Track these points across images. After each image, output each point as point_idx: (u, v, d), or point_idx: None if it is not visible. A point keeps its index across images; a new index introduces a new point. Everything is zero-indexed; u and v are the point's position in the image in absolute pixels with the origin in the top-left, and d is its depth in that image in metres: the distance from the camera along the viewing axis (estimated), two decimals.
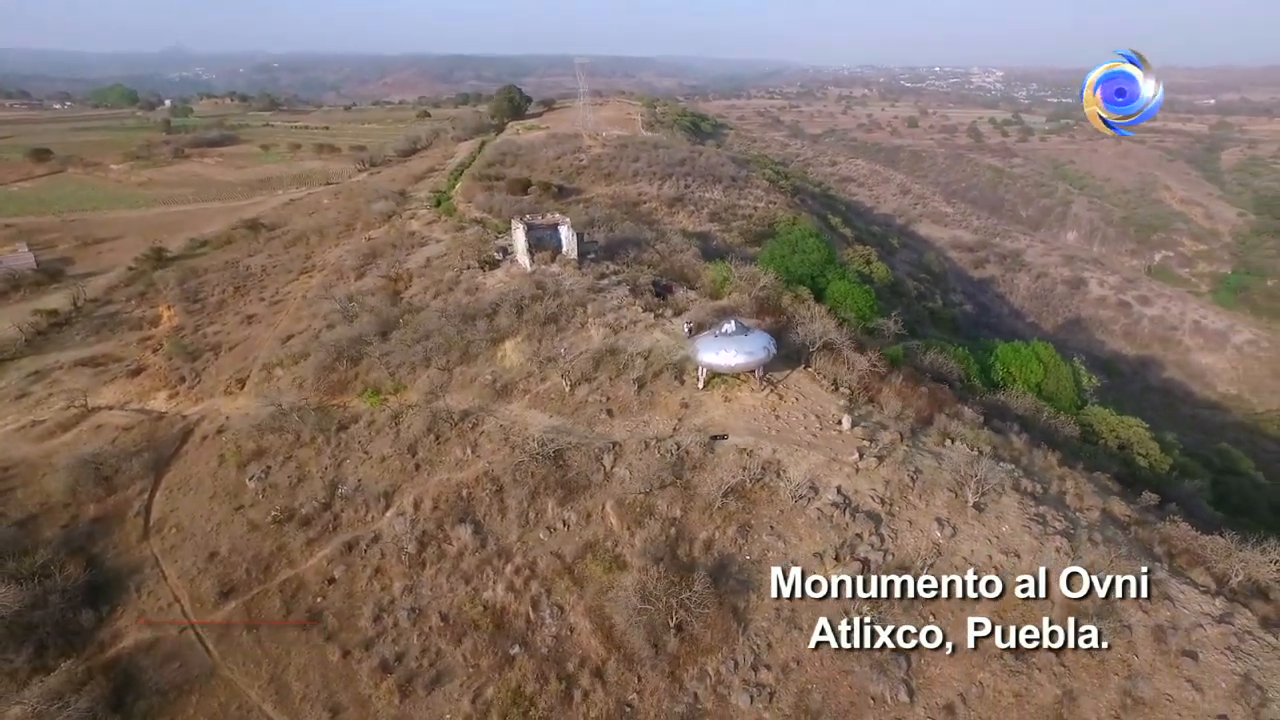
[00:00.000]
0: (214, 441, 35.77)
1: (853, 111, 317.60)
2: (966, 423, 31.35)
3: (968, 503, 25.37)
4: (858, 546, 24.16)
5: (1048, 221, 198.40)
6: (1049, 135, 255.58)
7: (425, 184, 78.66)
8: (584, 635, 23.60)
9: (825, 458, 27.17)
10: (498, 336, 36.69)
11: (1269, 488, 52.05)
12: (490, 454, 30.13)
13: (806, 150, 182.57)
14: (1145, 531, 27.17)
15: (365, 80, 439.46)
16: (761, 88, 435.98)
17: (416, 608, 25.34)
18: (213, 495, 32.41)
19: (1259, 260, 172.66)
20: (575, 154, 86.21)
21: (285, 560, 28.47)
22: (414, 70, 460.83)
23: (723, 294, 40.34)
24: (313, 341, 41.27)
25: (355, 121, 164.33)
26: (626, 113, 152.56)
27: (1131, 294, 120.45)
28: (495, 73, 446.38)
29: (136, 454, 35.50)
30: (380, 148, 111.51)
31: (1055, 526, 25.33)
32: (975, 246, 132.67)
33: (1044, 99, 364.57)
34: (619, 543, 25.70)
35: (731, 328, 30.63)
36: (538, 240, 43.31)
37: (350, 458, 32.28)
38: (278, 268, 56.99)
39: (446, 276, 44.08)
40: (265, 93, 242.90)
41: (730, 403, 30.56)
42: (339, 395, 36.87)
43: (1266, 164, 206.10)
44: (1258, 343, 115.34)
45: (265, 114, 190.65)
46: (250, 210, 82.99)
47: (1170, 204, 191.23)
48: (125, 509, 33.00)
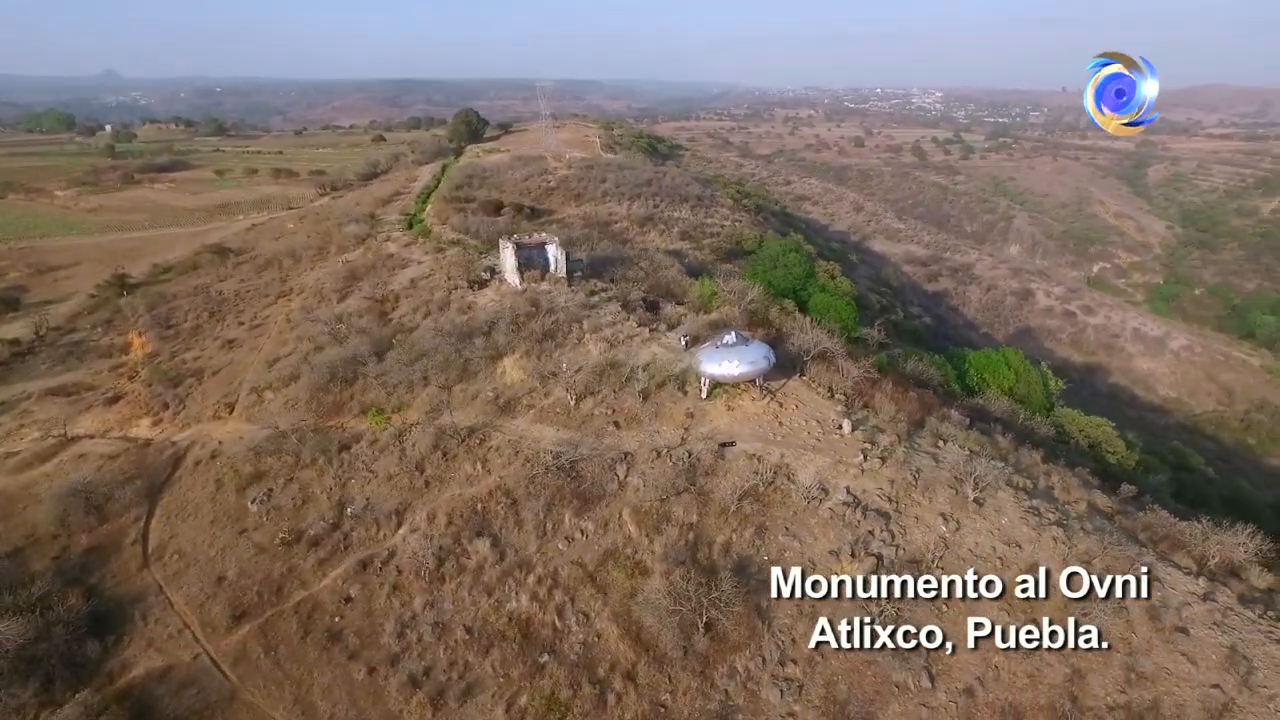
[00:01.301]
0: (208, 466, 35.29)
1: (800, 132, 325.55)
2: (954, 424, 32.92)
3: (968, 499, 26.71)
4: (870, 543, 25.26)
5: (991, 236, 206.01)
6: (989, 153, 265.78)
7: (393, 207, 78.47)
8: (612, 640, 24.12)
9: (831, 460, 28.32)
10: (496, 354, 37.14)
11: (1218, 482, 55.23)
12: (501, 468, 30.51)
13: (761, 170, 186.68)
14: (1128, 520, 28.97)
15: (312, 105, 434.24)
16: (710, 110, 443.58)
17: (440, 622, 25.52)
18: (213, 520, 32.02)
19: (1186, 270, 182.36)
20: (542, 176, 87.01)
21: (297, 581, 28.33)
22: (362, 95, 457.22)
23: (711, 308, 41.50)
24: (302, 364, 41.04)
25: (309, 146, 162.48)
26: (584, 135, 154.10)
27: (1076, 304, 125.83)
28: (445, 97, 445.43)
29: (127, 482, 34.82)
30: (340, 172, 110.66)
31: (1049, 518, 26.83)
32: (928, 261, 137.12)
33: (981, 118, 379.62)
34: (639, 549, 26.34)
35: (732, 339, 31.71)
36: (526, 259, 43.93)
37: (355, 477, 32.27)
38: (252, 292, 56.30)
39: (436, 296, 44.33)
40: (211, 118, 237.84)
41: (733, 411, 31.56)
42: (335, 416, 36.78)
43: (1189, 180, 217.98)
44: (1192, 348, 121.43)
45: (213, 139, 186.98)
46: (212, 235, 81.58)
47: (1105, 218, 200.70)
48: (121, 537, 32.34)
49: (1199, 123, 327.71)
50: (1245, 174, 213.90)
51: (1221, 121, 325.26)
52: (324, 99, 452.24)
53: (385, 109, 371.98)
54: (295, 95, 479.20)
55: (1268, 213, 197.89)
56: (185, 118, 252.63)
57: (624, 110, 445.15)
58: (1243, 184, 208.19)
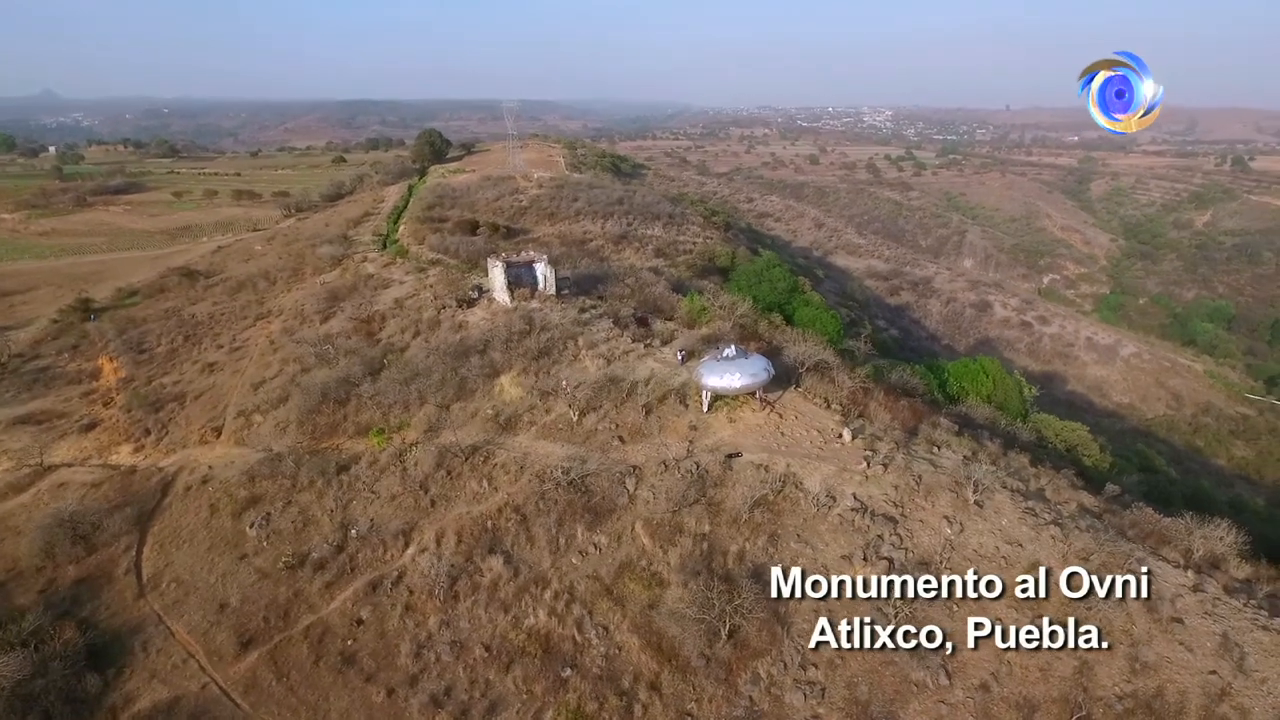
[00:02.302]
0: (200, 492, 34.59)
1: (756, 150, 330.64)
2: (946, 431, 33.97)
3: (968, 501, 27.65)
4: (880, 547, 25.98)
5: (946, 250, 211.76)
6: (940, 170, 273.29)
7: (365, 228, 77.75)
8: (633, 651, 24.33)
9: (836, 468, 29.04)
10: (492, 371, 37.21)
11: (1180, 482, 57.60)
12: (508, 485, 30.57)
13: (723, 188, 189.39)
14: (1115, 518, 30.26)
15: (264, 126, 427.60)
16: (666, 129, 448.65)
17: (457, 641, 25.43)
18: (210, 546, 31.40)
19: (1131, 281, 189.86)
20: (514, 195, 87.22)
21: (305, 606, 27.94)
22: (315, 116, 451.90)
23: (700, 323, 42.18)
24: (290, 385, 40.52)
25: (267, 167, 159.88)
26: (548, 155, 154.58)
27: (1031, 314, 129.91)
28: (399, 118, 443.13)
29: (114, 510, 33.94)
30: (304, 193, 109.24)
31: (1045, 518, 27.90)
32: (889, 275, 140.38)
33: (931, 136, 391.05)
34: (654, 561, 26.64)
35: (732, 352, 32.35)
36: (515, 277, 44.12)
37: (357, 498, 31.98)
38: (227, 315, 55.30)
39: (426, 315, 44.17)
40: (161, 139, 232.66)
41: (735, 423, 32.16)
42: (330, 438, 36.39)
43: (1128, 194, 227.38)
44: (1141, 355, 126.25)
45: (165, 161, 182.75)
46: (176, 258, 79.82)
47: (1053, 231, 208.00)
48: (112, 567, 31.49)
49: (1134, 139, 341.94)
50: (1179, 188, 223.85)
51: (1154, 139, 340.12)
52: (276, 120, 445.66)
53: (340, 130, 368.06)
54: (246, 116, 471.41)
55: (1201, 225, 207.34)
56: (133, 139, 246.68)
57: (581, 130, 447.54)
58: (1177, 198, 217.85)
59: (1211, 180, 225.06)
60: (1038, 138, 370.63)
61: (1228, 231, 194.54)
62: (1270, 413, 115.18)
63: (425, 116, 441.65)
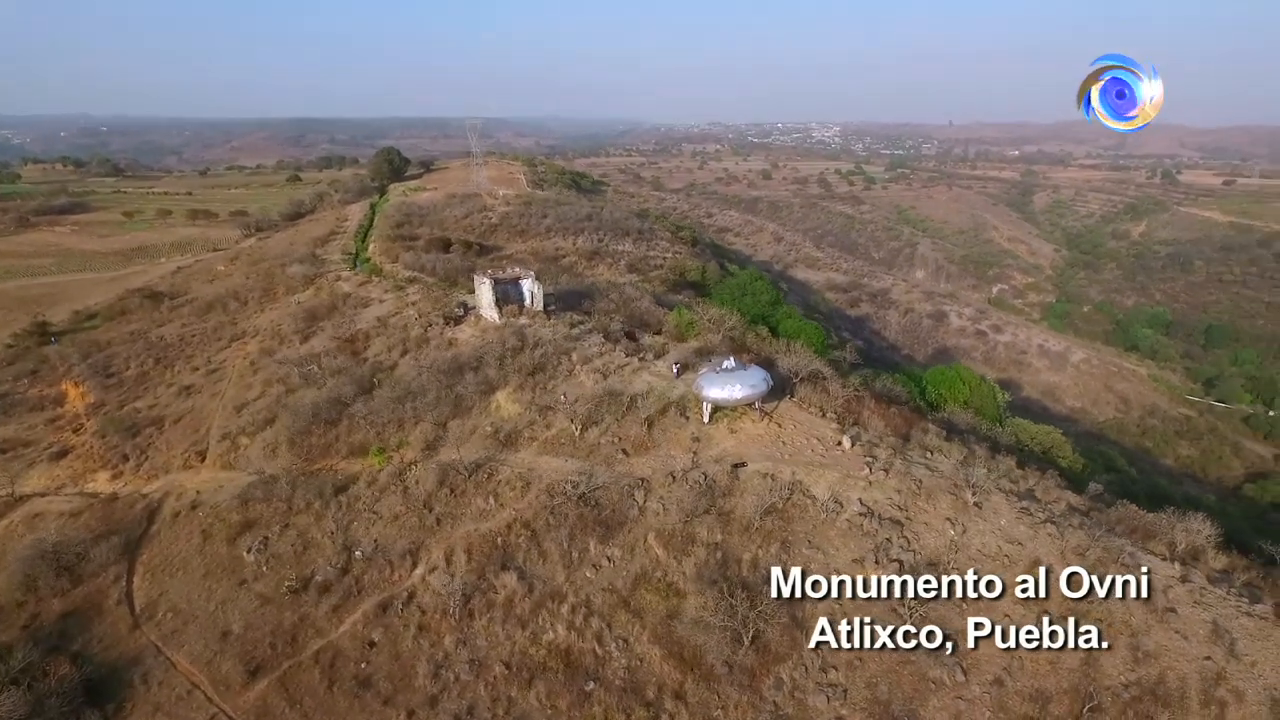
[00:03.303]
0: (190, 518, 33.71)
1: (709, 166, 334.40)
2: (935, 436, 35.01)
3: (968, 503, 28.60)
4: (890, 550, 26.69)
5: (898, 262, 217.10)
6: (889, 184, 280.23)
7: (332, 246, 76.70)
8: (655, 662, 24.49)
9: (840, 474, 29.74)
10: (488, 388, 37.13)
11: (1140, 481, 60.07)
12: (514, 501, 30.52)
13: (682, 204, 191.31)
14: (1102, 515, 31.54)
15: (209, 145, 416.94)
16: (619, 145, 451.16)
17: (475, 659, 25.26)
18: (206, 573, 30.62)
19: (1075, 290, 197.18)
20: (482, 213, 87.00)
21: (312, 630, 27.44)
22: (262, 135, 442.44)
23: (688, 336, 42.70)
24: (276, 407, 39.81)
25: (219, 186, 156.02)
26: (509, 172, 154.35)
27: (985, 324, 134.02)
28: (350, 136, 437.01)
29: (99, 540, 32.84)
30: (264, 212, 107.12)
31: (1040, 517, 29.01)
32: (848, 287, 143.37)
33: (879, 151, 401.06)
34: (669, 571, 26.89)
35: (731, 364, 32.91)
36: (501, 294, 44.10)
37: (358, 519, 31.55)
38: (198, 336, 53.99)
39: (413, 334, 43.81)
40: (102, 158, 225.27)
41: (737, 434, 32.68)
42: (323, 459, 35.83)
43: (1069, 206, 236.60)
44: (1089, 361, 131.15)
45: (109, 180, 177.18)
46: (135, 279, 77.59)
47: (1000, 242, 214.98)
48: (101, 599, 30.49)
49: (1071, 154, 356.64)
50: (1115, 200, 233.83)
51: (1089, 153, 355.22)
52: (221, 139, 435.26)
53: (289, 149, 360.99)
54: (190, 135, 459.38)
55: (1137, 236, 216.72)
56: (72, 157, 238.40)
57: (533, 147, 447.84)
58: (1114, 210, 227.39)
59: (1144, 193, 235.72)
60: (981, 152, 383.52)
61: (1161, 241, 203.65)
62: (1209, 413, 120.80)
63: (375, 135, 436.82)
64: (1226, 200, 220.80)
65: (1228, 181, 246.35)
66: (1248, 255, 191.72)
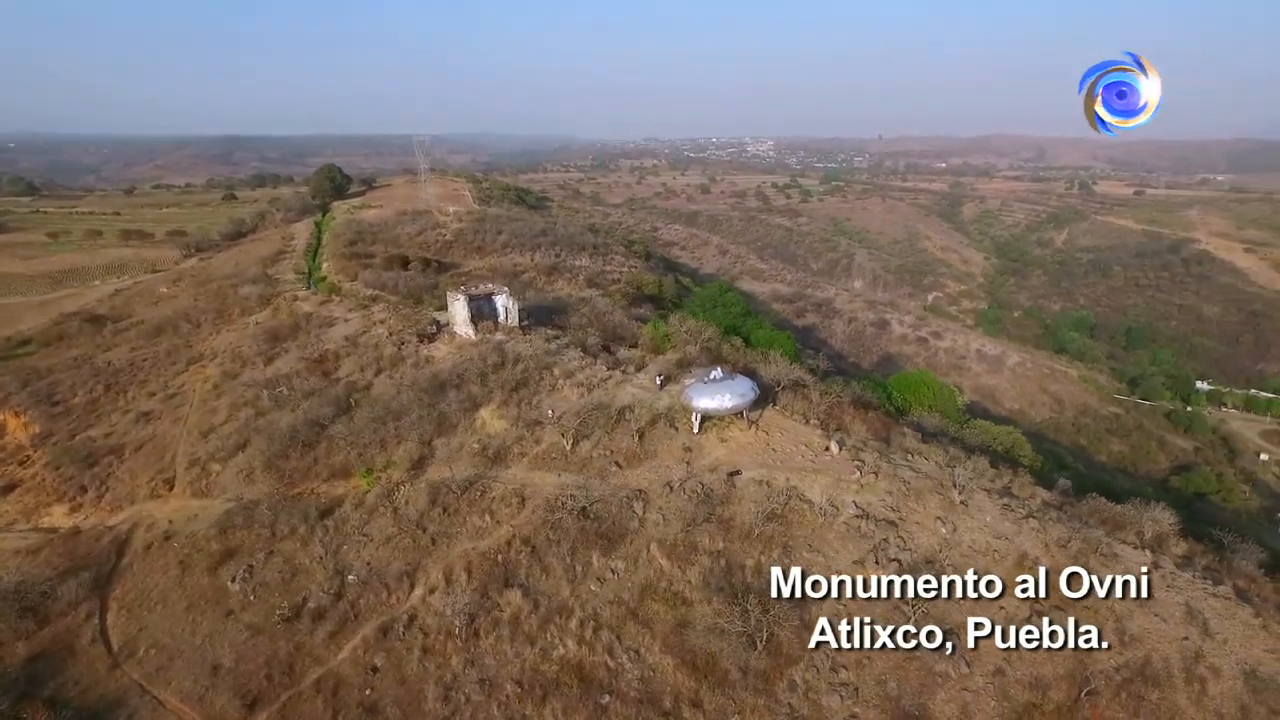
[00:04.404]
0: (164, 549, 32.36)
1: (647, 181, 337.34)
2: (913, 439, 36.23)
3: (955, 502, 29.72)
4: (887, 550, 27.53)
5: (836, 272, 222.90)
6: (825, 196, 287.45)
7: (282, 266, 74.59)
8: (668, 672, 24.65)
9: (832, 479, 30.52)
10: (471, 405, 36.77)
11: (1089, 477, 63.05)
12: (511, 518, 30.31)
13: (627, 218, 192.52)
14: (1075, 509, 33.16)
15: (130, 163, 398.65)
16: (556, 161, 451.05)
17: (485, 679, 24.96)
18: (188, 606, 29.44)
19: (1005, 296, 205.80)
20: (436, 230, 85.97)
21: (310, 658, 26.67)
22: (187, 152, 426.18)
23: (665, 348, 43.12)
24: (247, 431, 38.57)
25: (149, 205, 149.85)
26: (453, 189, 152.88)
27: (926, 330, 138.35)
28: (281, 154, 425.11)
29: (64, 577, 31.23)
30: (202, 231, 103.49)
31: (1021, 512, 30.38)
32: (793, 298, 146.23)
33: (812, 164, 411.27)
34: (674, 581, 27.12)
35: (719, 374, 33.48)
36: (476, 310, 43.77)
37: (347, 543, 30.82)
38: (150, 361, 51.78)
39: (387, 352, 43.03)
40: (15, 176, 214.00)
41: (727, 442, 33.19)
42: (302, 482, 34.86)
43: (996, 216, 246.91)
44: (1024, 364, 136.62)
45: (24, 199, 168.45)
46: (69, 303, 74.00)
47: (933, 252, 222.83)
48: (73, 639, 28.97)
49: (994, 166, 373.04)
50: (1039, 210, 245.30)
51: (1011, 165, 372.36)
52: (143, 157, 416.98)
53: (216, 166, 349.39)
54: (108, 153, 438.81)
55: (1060, 243, 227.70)
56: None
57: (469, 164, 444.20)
58: (1038, 219, 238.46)
59: (1064, 203, 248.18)
60: (910, 164, 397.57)
61: (1083, 248, 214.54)
62: (1135, 411, 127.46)
63: (307, 153, 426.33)
64: (1138, 209, 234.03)
65: (1138, 191, 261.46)
66: (1160, 261, 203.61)
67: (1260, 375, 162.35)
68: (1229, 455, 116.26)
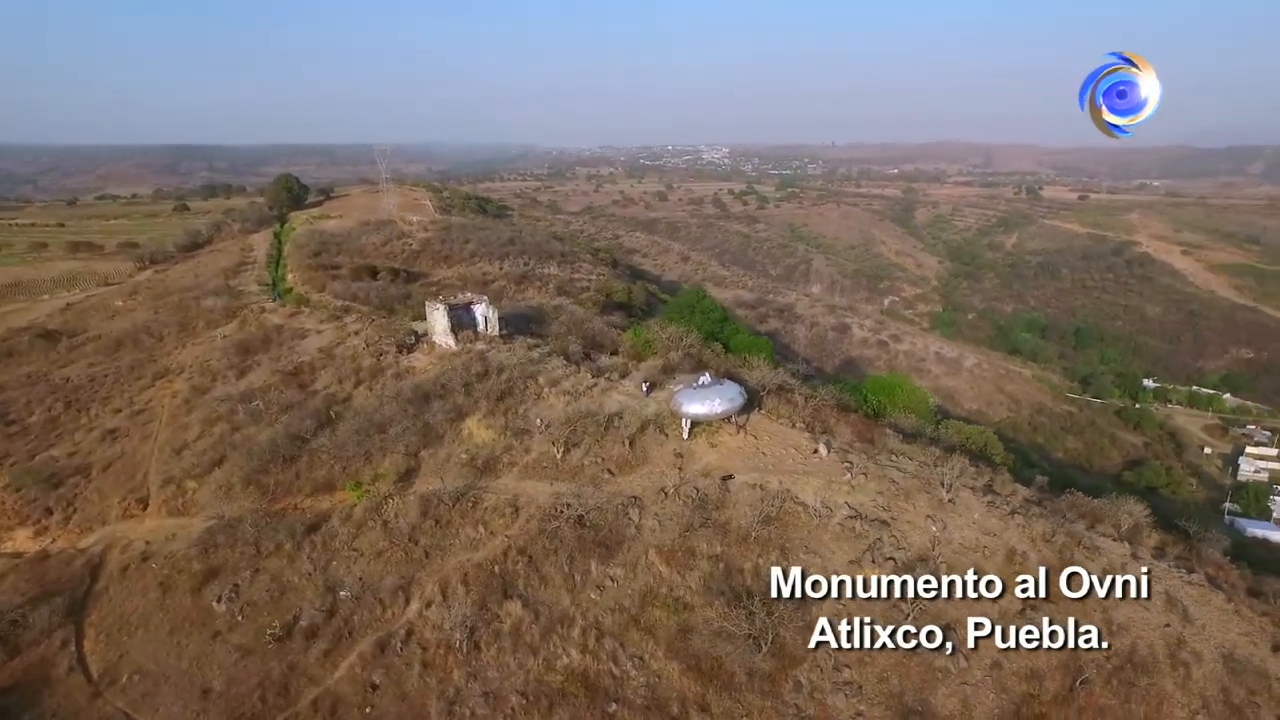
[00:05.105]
0: (142, 570, 31.28)
1: (604, 189, 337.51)
2: (895, 440, 36.94)
3: (943, 500, 30.39)
4: (882, 548, 28.01)
5: (794, 277, 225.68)
6: (781, 203, 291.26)
7: (245, 277, 72.80)
8: (674, 677, 24.68)
9: (823, 481, 30.96)
10: (457, 415, 36.38)
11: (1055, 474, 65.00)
12: (505, 528, 30.04)
13: (589, 226, 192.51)
14: (1054, 504, 34.19)
15: (70, 173, 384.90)
16: (512, 170, 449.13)
17: (489, 692, 24.67)
18: (172, 629, 28.50)
19: (959, 299, 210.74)
20: (401, 239, 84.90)
21: (305, 678, 26.03)
22: (132, 162, 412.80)
23: (645, 355, 43.24)
24: (223, 446, 37.56)
25: (94, 217, 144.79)
26: (414, 198, 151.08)
27: (885, 334, 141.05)
28: (231, 164, 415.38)
29: (36, 604, 29.95)
30: (157, 243, 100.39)
31: (1005, 509, 31.22)
32: (755, 304, 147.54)
33: (767, 171, 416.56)
34: (674, 586, 27.18)
35: (708, 380, 33.73)
36: (455, 320, 43.34)
37: (336, 558, 30.20)
38: (112, 376, 50.03)
39: (365, 364, 42.29)
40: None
41: (716, 447, 33.42)
42: (285, 498, 34.05)
43: (948, 221, 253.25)
44: (981, 365, 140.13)
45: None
46: (16, 318, 71.01)
47: (888, 256, 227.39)
48: (48, 669, 27.81)
49: (944, 171, 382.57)
50: (989, 214, 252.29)
51: (961, 171, 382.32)
52: (85, 166, 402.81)
53: (164, 177, 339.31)
54: (47, 162, 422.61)
55: (1010, 247, 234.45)
56: None
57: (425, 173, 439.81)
58: (989, 223, 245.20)
59: (1013, 207, 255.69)
60: (863, 170, 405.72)
61: (1032, 251, 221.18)
62: (1088, 409, 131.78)
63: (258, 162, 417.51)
64: (1083, 213, 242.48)
65: (1082, 196, 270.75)
66: (1105, 263, 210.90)
67: (1199, 372, 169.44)
68: (1176, 449, 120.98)
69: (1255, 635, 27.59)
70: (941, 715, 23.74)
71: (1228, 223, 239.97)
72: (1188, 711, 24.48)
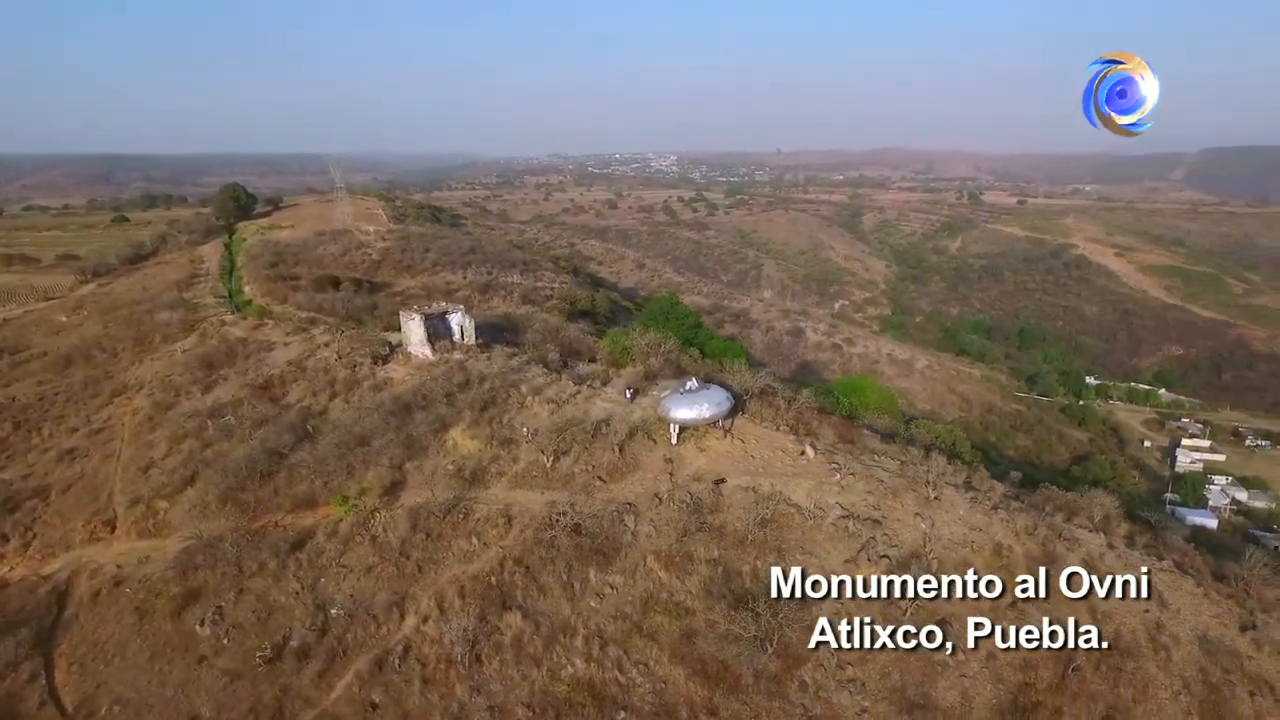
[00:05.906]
0: (115, 595, 30.01)
1: (554, 198, 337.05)
2: (874, 440, 37.72)
3: (930, 498, 31.14)
4: (875, 547, 28.57)
5: (746, 283, 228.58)
6: (731, 209, 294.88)
7: (198, 290, 70.50)
8: (680, 682, 24.73)
9: (814, 482, 31.42)
10: (440, 426, 35.85)
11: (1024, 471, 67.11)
12: (499, 539, 29.71)
13: (544, 235, 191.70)
14: (1031, 498, 35.35)
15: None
16: (460, 179, 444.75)
17: (494, 705, 24.35)
18: (152, 655, 27.39)
19: (907, 302, 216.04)
20: (360, 249, 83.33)
21: (300, 700, 25.30)
22: (61, 172, 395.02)
23: (624, 362, 43.30)
24: (194, 463, 36.33)
25: (26, 228, 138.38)
26: (366, 208, 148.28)
27: (839, 337, 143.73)
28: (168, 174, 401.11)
29: (1, 636, 28.47)
30: (98, 255, 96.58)
31: (987, 504, 32.17)
32: (711, 309, 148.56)
33: (715, 179, 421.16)
34: (675, 591, 27.25)
35: (695, 385, 33.96)
36: (431, 329, 42.74)
37: (325, 575, 29.44)
38: (64, 395, 47.90)
39: (340, 375, 41.36)
40: None
41: (705, 452, 33.63)
42: (266, 515, 33.07)
43: (894, 226, 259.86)
44: (933, 367, 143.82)
45: None
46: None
47: (837, 261, 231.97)
48: (17, 704, 26.46)
49: (889, 178, 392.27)
50: (933, 219, 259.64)
51: (905, 177, 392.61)
52: (10, 176, 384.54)
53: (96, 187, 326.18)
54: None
55: (954, 251, 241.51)
56: None
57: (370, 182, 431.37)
58: (933, 227, 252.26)
59: (956, 212, 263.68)
60: (810, 177, 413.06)
61: (975, 255, 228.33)
62: (1035, 407, 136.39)
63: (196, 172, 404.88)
64: (1022, 218, 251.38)
65: (1021, 201, 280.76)
66: (1044, 265, 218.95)
67: (1135, 369, 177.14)
68: (1119, 444, 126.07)
69: (1224, 617, 28.97)
70: (943, 707, 24.31)
71: (1155, 226, 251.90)
72: (1170, 692, 25.55)
